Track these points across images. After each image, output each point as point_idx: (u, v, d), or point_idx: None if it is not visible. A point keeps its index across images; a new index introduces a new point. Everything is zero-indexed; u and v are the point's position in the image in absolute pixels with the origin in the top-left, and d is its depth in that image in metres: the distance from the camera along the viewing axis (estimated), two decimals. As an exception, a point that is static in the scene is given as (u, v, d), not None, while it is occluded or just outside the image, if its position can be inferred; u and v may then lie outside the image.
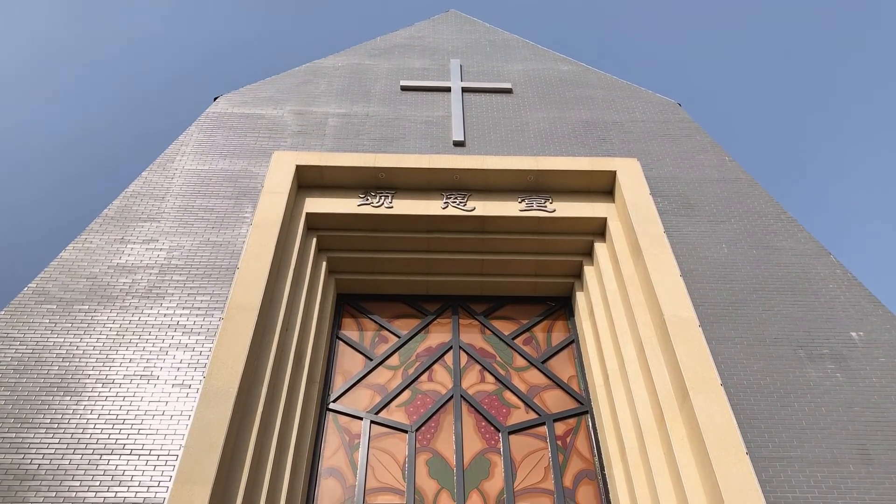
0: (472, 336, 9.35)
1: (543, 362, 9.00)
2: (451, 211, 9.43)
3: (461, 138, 10.29)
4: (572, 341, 9.30)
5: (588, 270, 9.40)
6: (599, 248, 9.34)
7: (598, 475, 7.78)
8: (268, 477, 6.75)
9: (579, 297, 9.43)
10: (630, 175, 9.60)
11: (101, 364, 7.14)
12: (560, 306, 9.77)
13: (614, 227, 9.26)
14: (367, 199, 9.50)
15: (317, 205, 9.44)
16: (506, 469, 7.78)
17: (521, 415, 8.41)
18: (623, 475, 7.32)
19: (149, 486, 6.21)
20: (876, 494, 6.19)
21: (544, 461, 7.92)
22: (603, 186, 9.75)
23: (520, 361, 9.04)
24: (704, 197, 9.41)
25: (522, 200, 9.59)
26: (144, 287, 7.95)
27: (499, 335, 9.34)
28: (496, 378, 8.80)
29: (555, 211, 9.48)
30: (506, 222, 9.48)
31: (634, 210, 9.01)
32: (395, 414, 8.36)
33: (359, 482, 7.60)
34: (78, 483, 6.21)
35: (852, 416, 6.80)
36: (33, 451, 6.40)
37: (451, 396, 8.53)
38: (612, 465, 7.47)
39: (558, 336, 9.43)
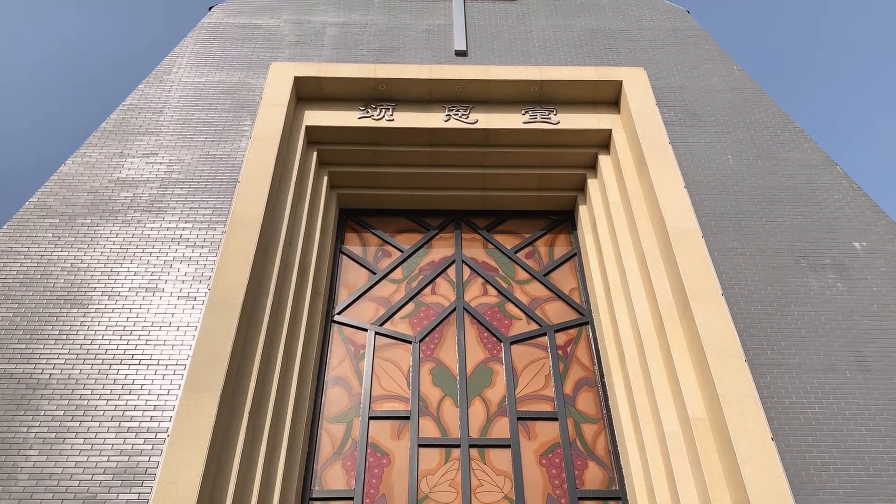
0: (475, 250, 9.37)
1: (545, 275, 9.06)
2: (453, 124, 9.29)
3: (463, 48, 10.04)
4: (574, 254, 9.33)
5: (591, 184, 9.33)
6: (603, 161, 9.24)
7: (597, 383, 7.95)
8: (275, 386, 6.90)
9: (582, 211, 9.40)
10: (636, 85, 9.41)
11: (107, 277, 7.20)
12: (563, 220, 9.75)
13: (619, 139, 9.14)
14: (368, 112, 9.35)
15: (316, 118, 9.31)
16: (507, 377, 7.94)
17: (522, 326, 8.52)
18: (622, 382, 7.47)
19: (158, 395, 6.36)
20: (871, 400, 6.33)
21: (545, 370, 8.07)
22: (608, 97, 9.57)
23: (522, 275, 9.09)
24: (711, 107, 9.24)
25: (526, 112, 9.44)
26: (146, 201, 7.93)
27: (501, 249, 9.36)
28: (498, 291, 8.87)
29: (559, 123, 9.34)
30: (509, 135, 9.35)
31: (640, 121, 8.87)
32: (398, 326, 8.48)
33: (364, 390, 7.78)
34: (89, 392, 6.36)
35: (851, 325, 6.87)
36: (44, 361, 6.53)
37: (454, 309, 8.63)
38: (612, 373, 7.62)
39: (560, 250, 9.45)
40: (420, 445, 7.41)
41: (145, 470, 5.87)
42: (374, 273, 8.98)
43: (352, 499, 6.99)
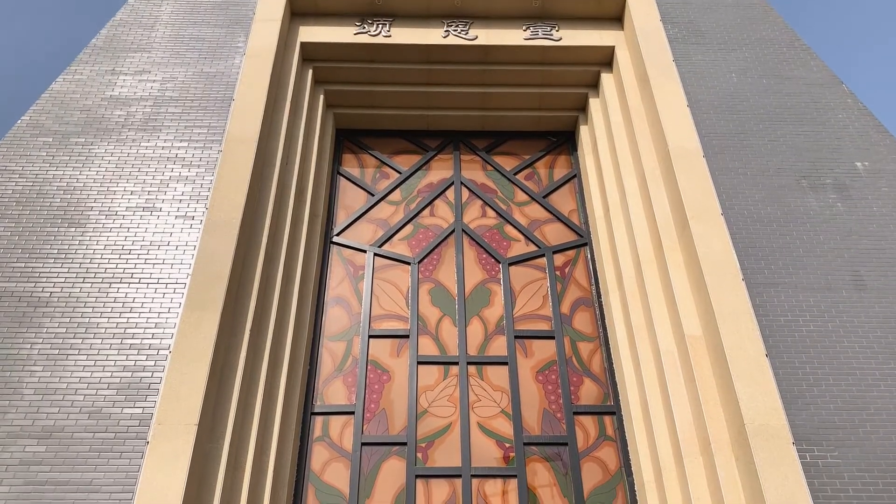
0: (474, 172, 9.29)
1: (544, 197, 9.01)
2: (452, 40, 9.07)
3: (463, -39, 9.69)
4: (574, 176, 9.26)
5: (593, 103, 9.18)
6: (606, 80, 9.06)
7: (594, 302, 8.01)
8: (275, 305, 6.95)
9: (583, 132, 9.28)
10: (640, 0, 9.14)
11: (103, 196, 7.15)
12: (563, 141, 9.64)
13: (622, 57, 8.94)
14: (364, 28, 9.11)
15: (311, 34, 9.06)
16: (505, 297, 8.00)
17: (521, 247, 8.53)
18: (619, 302, 7.54)
19: (159, 313, 6.41)
20: (865, 318, 6.39)
21: (543, 290, 8.13)
22: (612, 13, 9.31)
23: (521, 196, 9.05)
24: (716, 23, 9.01)
25: (527, 28, 9.19)
26: (140, 119, 7.81)
27: (500, 170, 9.28)
28: (497, 212, 8.84)
29: (561, 39, 9.11)
30: (509, 52, 9.13)
31: (643, 37, 8.66)
32: (397, 247, 8.48)
33: (364, 310, 7.85)
34: (90, 310, 6.41)
35: (849, 244, 6.88)
36: (44, 280, 6.55)
37: (453, 230, 8.62)
38: (609, 292, 7.67)
39: (560, 171, 9.38)
40: (419, 363, 7.52)
41: (148, 385, 5.97)
42: (373, 195, 8.93)
43: (353, 413, 7.14)
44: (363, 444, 6.97)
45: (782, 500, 5.32)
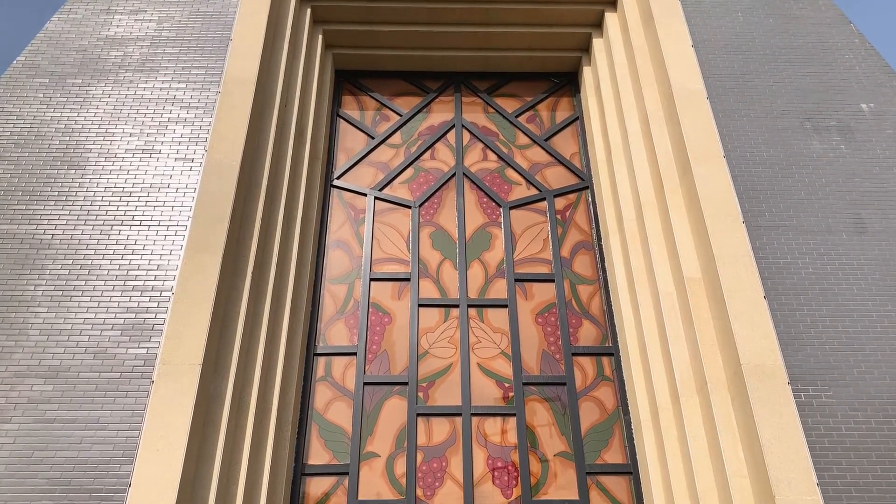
0: (475, 114, 9.20)
1: (546, 140, 8.94)
2: (453, -21, 8.87)
3: None
4: (576, 118, 9.17)
5: (597, 43, 9.03)
6: (610, 19, 8.89)
7: (594, 246, 8.03)
8: (276, 247, 6.98)
9: (586, 73, 9.15)
10: (646, -63, 8.90)
11: (102, 138, 7.11)
12: (566, 83, 9.52)
13: (626, -5, 8.76)
14: (364, -34, 8.90)
15: (310, -28, 8.87)
16: (506, 241, 8.02)
17: (522, 191, 8.51)
18: (619, 245, 7.55)
19: (161, 255, 6.44)
20: (864, 260, 6.41)
21: (543, 234, 8.14)
22: (616, -49, 9.09)
23: (522, 139, 8.98)
24: (724, -39, 8.79)
25: (529, -33, 8.98)
26: (137, 60, 7.70)
27: (502, 113, 9.19)
28: (498, 156, 8.79)
29: (563, -22, 8.91)
30: (511, -9, 8.94)
31: (648, -24, 8.46)
32: (398, 191, 8.46)
33: (365, 253, 7.87)
34: (92, 252, 6.43)
35: (851, 187, 6.86)
36: (45, 222, 6.56)
37: (454, 174, 8.58)
38: (609, 236, 7.68)
39: (562, 114, 9.28)
40: (420, 305, 7.59)
41: (152, 326, 6.04)
42: (373, 137, 8.87)
43: (355, 354, 7.23)
44: (365, 383, 7.08)
45: (776, 438, 5.43)
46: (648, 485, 6.27)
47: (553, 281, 7.78)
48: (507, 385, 7.12)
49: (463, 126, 9.03)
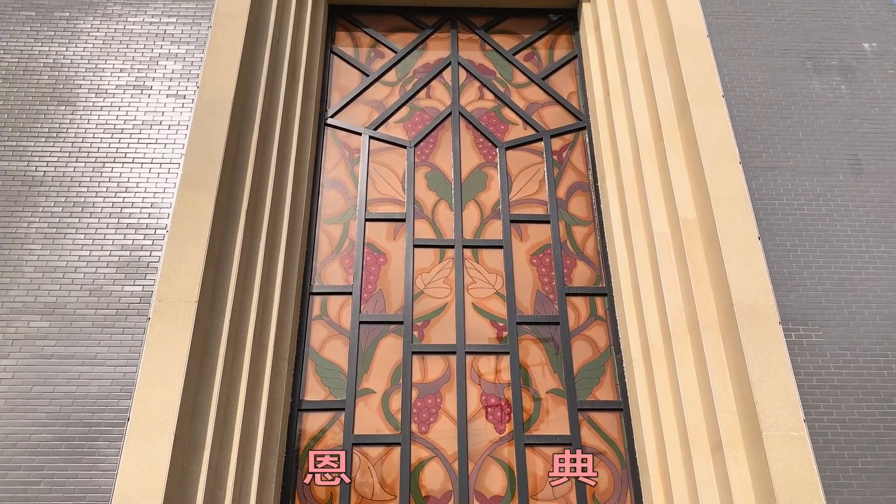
0: (472, 52, 9.03)
1: (544, 79, 8.81)
2: None
3: None
4: (574, 57, 9.02)
5: (596, -21, 8.82)
6: (610, -47, 8.67)
7: (590, 187, 8.00)
8: (271, 186, 6.93)
9: (585, 10, 8.96)
10: None
11: (92, 74, 6.99)
12: (564, 19, 9.32)
13: (627, -71, 8.51)
14: None
15: None
16: (502, 182, 7.98)
17: (518, 131, 8.42)
18: (615, 186, 7.53)
19: (154, 193, 6.41)
20: (860, 202, 6.42)
21: (539, 175, 8.10)
22: None
23: (520, 78, 8.84)
24: None
25: None
26: (125, -7, 7.51)
27: (499, 50, 9.02)
28: (495, 95, 8.67)
29: (564, -90, 8.65)
30: (510, -77, 8.69)
31: None
32: (393, 130, 8.37)
33: (360, 193, 7.84)
34: (85, 189, 6.39)
35: (850, 128, 6.82)
36: (37, 159, 6.50)
37: (450, 113, 8.48)
38: (606, 177, 7.65)
39: (561, 52, 9.12)
40: (415, 246, 7.59)
41: (147, 264, 6.04)
42: (367, 75, 8.73)
43: (350, 294, 7.27)
44: (361, 322, 7.14)
45: (765, 376, 5.52)
46: (638, 421, 6.39)
47: (548, 222, 7.77)
48: (501, 325, 7.18)
49: (459, 64, 8.88)
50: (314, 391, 6.76)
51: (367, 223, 7.70)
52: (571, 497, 6.34)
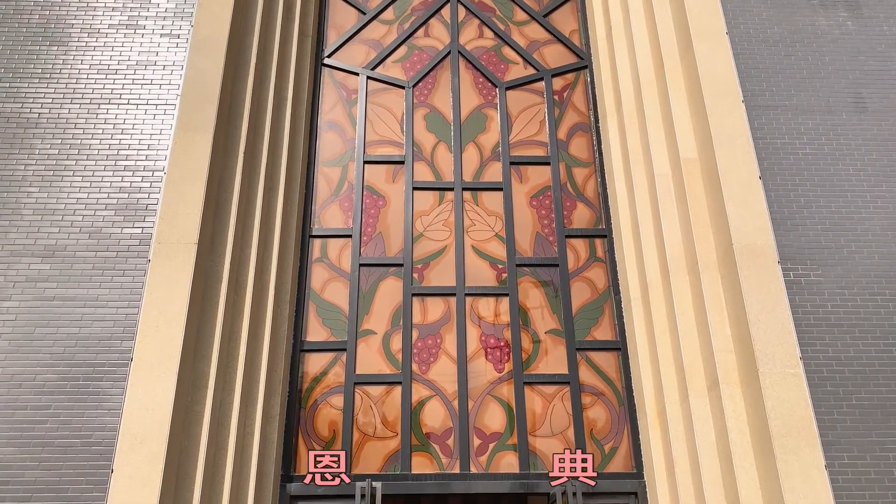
0: (471, -11, 8.83)
1: (545, 16, 8.63)
2: None
3: None
4: (576, -6, 8.82)
5: (598, -88, 8.56)
6: None
7: (591, 128, 7.92)
8: (268, 127, 6.87)
9: (587, -55, 8.73)
10: None
11: (83, 13, 6.84)
12: (565, -44, 9.08)
13: None
14: None
15: None
16: (501, 123, 7.89)
17: (519, 70, 8.29)
18: (617, 126, 7.45)
19: (151, 135, 6.35)
20: (863, 140, 6.36)
21: (540, 115, 8.00)
22: None
23: (520, 15, 8.66)
24: None
25: None
26: (114, -72, 7.30)
27: (499, -12, 8.82)
28: (495, 33, 8.51)
29: None
30: None
31: None
32: (391, 70, 8.24)
33: (358, 135, 7.76)
34: (81, 131, 6.33)
35: (854, 66, 6.70)
36: (31, 100, 6.42)
37: (449, 52, 8.33)
38: (607, 117, 7.57)
39: (562, -11, 8.91)
40: (414, 188, 7.55)
41: (146, 206, 6.02)
42: (364, 13, 8.55)
43: (350, 236, 7.26)
44: (361, 265, 7.15)
45: (762, 314, 5.55)
46: (636, 359, 6.46)
47: (549, 164, 7.72)
48: (500, 267, 7.20)
49: (458, 1, 8.69)
50: (315, 332, 6.82)
51: (365, 165, 7.64)
52: (569, 434, 6.45)
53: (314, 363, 6.72)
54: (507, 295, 7.04)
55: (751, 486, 5.30)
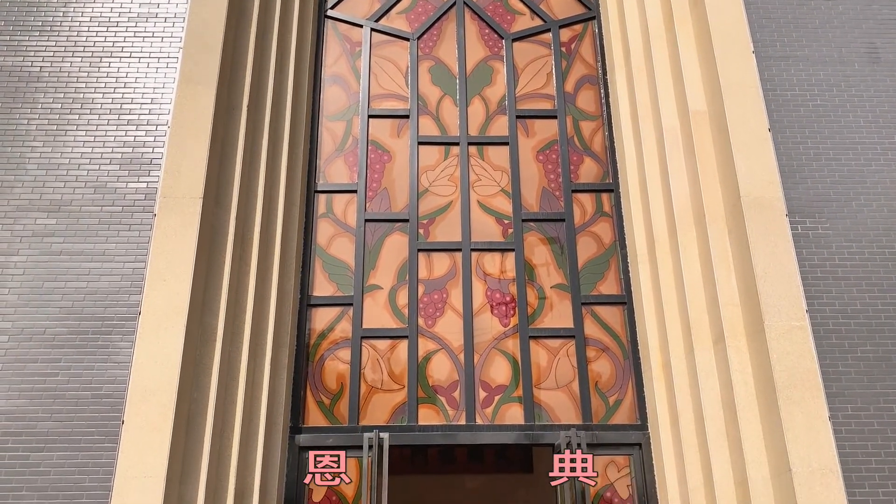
0: (477, -62, 8.63)
1: (552, -34, 8.45)
2: None
3: None
4: (584, -57, 8.61)
5: None
6: None
7: (599, 80, 7.81)
8: (271, 81, 6.80)
9: None
10: None
11: (82, -36, 6.74)
12: None
13: None
14: None
15: None
16: (508, 76, 7.79)
17: (525, 21, 8.15)
18: (625, 79, 7.35)
19: (154, 88, 6.30)
20: (875, 92, 6.27)
21: (547, 68, 7.89)
22: None
23: (527, -35, 8.47)
24: None
25: None
26: None
27: (505, -63, 8.61)
28: (501, -16, 8.34)
29: None
30: None
31: None
32: (395, 22, 8.11)
33: (363, 89, 7.68)
34: (83, 85, 6.28)
35: (869, 14, 6.58)
36: (31, 53, 6.36)
37: (454, 3, 8.18)
38: (615, 69, 7.46)
39: (569, -62, 8.71)
40: (420, 143, 7.50)
41: (150, 161, 6.01)
42: (369, -36, 8.37)
43: (355, 192, 7.24)
44: (366, 220, 7.14)
45: (769, 268, 5.54)
46: (641, 313, 6.48)
47: (555, 117, 7.64)
48: (506, 222, 7.18)
49: (464, -48, 8.50)
50: (322, 287, 6.84)
51: (370, 120, 7.58)
52: (574, 386, 6.51)
53: (321, 318, 6.76)
54: (512, 250, 7.03)
55: (754, 436, 5.36)
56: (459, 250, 7.04)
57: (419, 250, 7.03)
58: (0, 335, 5.38)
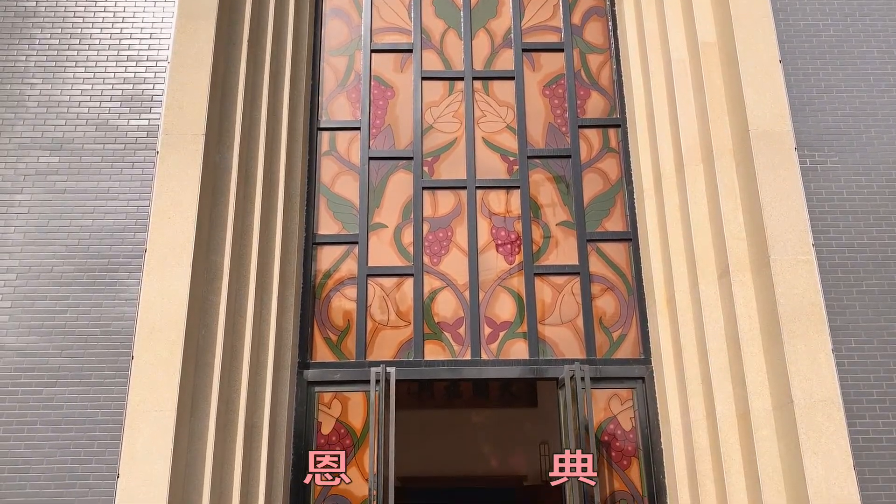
0: None
1: None
2: None
3: None
4: None
5: None
6: None
7: (607, 12, 7.62)
8: (271, 14, 6.65)
9: None
10: None
11: None
12: None
13: None
14: None
15: None
16: (513, 7, 7.61)
17: (531, -48, 7.91)
18: (633, 9, 7.13)
19: (153, 23, 6.20)
20: (890, 20, 6.10)
21: (553, -1, 7.70)
22: None
23: None
24: None
25: None
26: None
27: None
28: (506, -88, 8.06)
29: None
30: None
31: None
32: (398, -47, 7.88)
33: (365, 22, 7.52)
34: (81, 20, 6.23)
35: (887, -60, 6.35)
36: (26, -13, 6.22)
37: (458, -67, 7.94)
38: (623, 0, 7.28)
39: None
40: (423, 78, 7.38)
41: (151, 97, 5.94)
42: None
43: (358, 129, 7.16)
44: (370, 158, 7.08)
45: (776, 201, 5.50)
46: (647, 249, 6.47)
47: (562, 51, 7.49)
48: (511, 159, 7.11)
49: None
50: (327, 225, 6.84)
51: (372, 55, 7.44)
52: (578, 322, 6.55)
53: (327, 256, 6.77)
54: (518, 188, 6.99)
55: (757, 369, 5.41)
56: (464, 188, 7.00)
57: (424, 188, 6.99)
58: (7, 273, 5.42)
